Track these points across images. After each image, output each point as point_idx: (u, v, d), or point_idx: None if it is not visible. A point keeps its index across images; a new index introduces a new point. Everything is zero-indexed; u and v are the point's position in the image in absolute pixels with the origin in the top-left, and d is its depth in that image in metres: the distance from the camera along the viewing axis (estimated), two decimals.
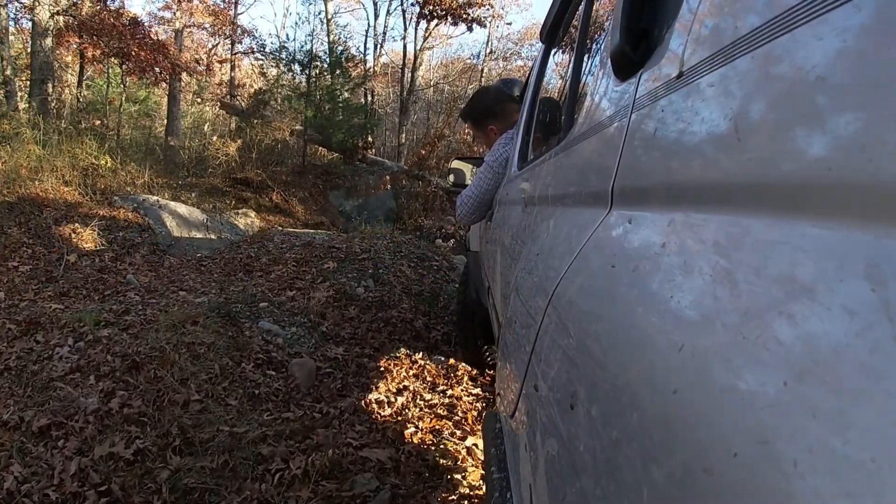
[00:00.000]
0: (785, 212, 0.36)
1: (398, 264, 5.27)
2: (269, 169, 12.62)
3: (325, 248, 5.42)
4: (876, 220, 0.28)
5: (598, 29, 1.10)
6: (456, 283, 4.89)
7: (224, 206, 10.70)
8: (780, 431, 0.28)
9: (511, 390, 0.92)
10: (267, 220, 11.02)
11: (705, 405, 0.34)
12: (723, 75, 0.44)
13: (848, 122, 0.30)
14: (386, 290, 4.64)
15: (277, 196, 11.97)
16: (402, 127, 17.56)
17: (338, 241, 5.77)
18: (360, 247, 5.47)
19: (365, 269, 4.96)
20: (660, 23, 0.62)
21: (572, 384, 0.57)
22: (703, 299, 0.40)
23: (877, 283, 0.26)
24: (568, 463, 0.53)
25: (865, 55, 0.30)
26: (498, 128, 2.47)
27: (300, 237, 6.28)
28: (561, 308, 0.69)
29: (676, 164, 0.52)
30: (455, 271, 5.49)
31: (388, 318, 4.13)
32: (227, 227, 8.66)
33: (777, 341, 0.30)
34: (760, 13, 0.40)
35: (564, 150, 1.04)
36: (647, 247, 0.54)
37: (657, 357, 0.42)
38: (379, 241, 5.78)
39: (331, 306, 4.15)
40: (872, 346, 0.25)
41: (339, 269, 4.90)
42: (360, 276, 4.82)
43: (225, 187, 11.53)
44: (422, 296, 4.74)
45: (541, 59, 2.03)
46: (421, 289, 4.89)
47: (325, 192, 13.27)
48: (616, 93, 0.73)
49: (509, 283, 1.34)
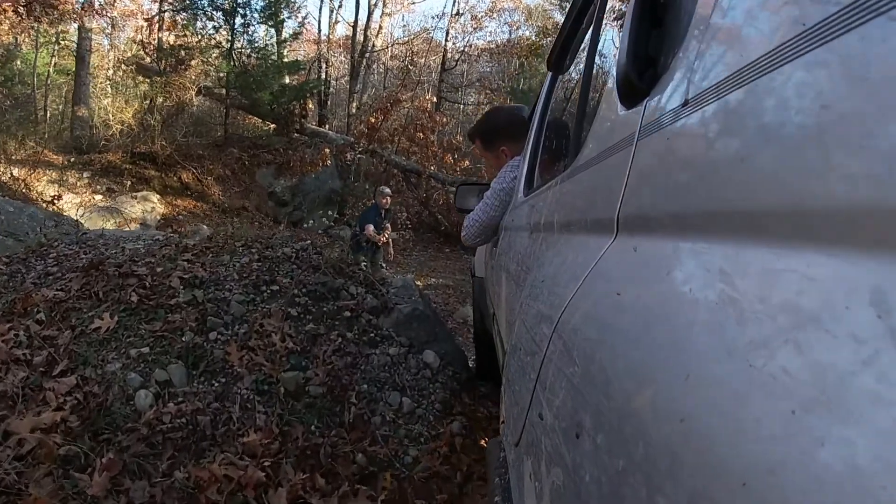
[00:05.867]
0: (790, 240, 0.36)
1: (263, 311, 2.82)
2: (180, 141, 10.25)
3: (127, 271, 2.90)
4: (882, 246, 0.28)
5: (604, 57, 1.12)
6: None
7: (120, 189, 8.82)
8: (788, 461, 0.27)
9: (516, 419, 0.91)
10: (173, 205, 9.07)
11: (712, 434, 0.34)
12: (728, 104, 0.44)
13: (853, 150, 0.30)
14: (215, 394, 2.34)
15: (189, 175, 9.78)
16: (353, 95, 15.06)
17: (162, 255, 3.20)
18: (197, 265, 3.09)
19: (180, 329, 2.56)
20: (666, 51, 0.63)
21: (578, 413, 0.56)
22: (709, 328, 0.40)
23: (883, 310, 0.26)
24: (573, 493, 0.52)
25: (870, 83, 0.30)
26: (510, 149, 2.44)
27: (111, 242, 3.71)
28: (566, 336, 0.69)
29: (682, 192, 0.52)
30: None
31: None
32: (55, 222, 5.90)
33: (784, 370, 0.30)
34: (765, 42, 0.40)
35: (570, 176, 1.04)
36: (652, 275, 0.54)
37: (663, 386, 0.41)
38: (240, 254, 3.31)
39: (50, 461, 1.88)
40: (879, 375, 0.25)
41: (121, 331, 2.51)
42: (163, 352, 2.44)
43: (125, 164, 9.45)
44: (328, 418, 2.44)
45: (547, 85, 2.05)
46: (322, 397, 2.50)
47: (250, 170, 10.95)
48: (622, 120, 0.73)
49: (514, 309, 1.34)
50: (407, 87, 14.01)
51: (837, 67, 0.32)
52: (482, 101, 17.77)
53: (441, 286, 8.95)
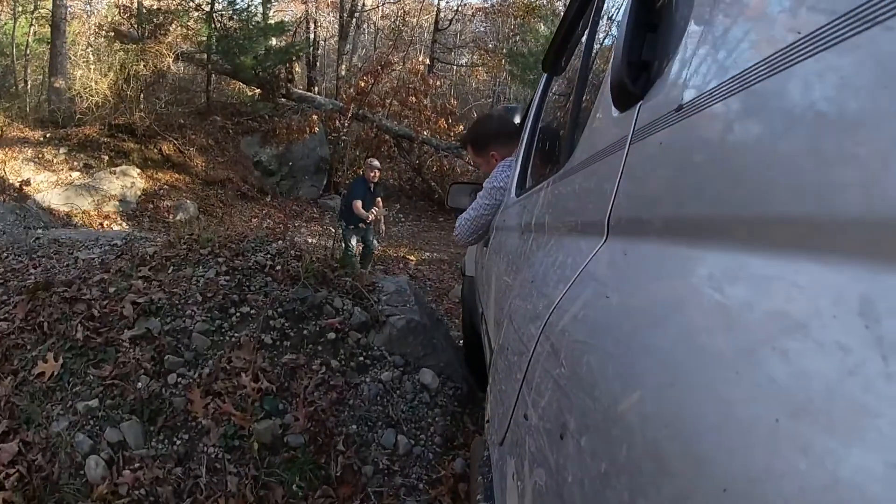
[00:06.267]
0: (780, 247, 0.36)
1: (231, 342, 2.45)
2: (160, 111, 9.73)
3: (75, 296, 2.53)
4: (871, 256, 0.28)
5: (599, 60, 1.12)
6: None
7: (98, 165, 8.37)
8: (771, 469, 0.27)
9: (501, 418, 0.91)
10: (154, 178, 8.68)
11: (696, 440, 0.34)
12: (722, 109, 0.44)
13: (846, 158, 0.30)
14: (177, 456, 2.05)
15: (170, 146, 9.27)
16: (342, 56, 14.30)
17: (116, 269, 2.79)
18: (154, 284, 2.64)
19: (133, 373, 2.22)
20: (660, 55, 0.63)
21: (563, 414, 0.56)
22: (697, 333, 0.40)
23: (871, 319, 0.26)
24: (556, 494, 0.52)
25: (862, 92, 0.30)
26: (500, 153, 2.48)
27: (65, 250, 3.28)
28: (553, 337, 0.69)
29: (673, 196, 0.52)
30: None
31: None
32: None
33: (770, 377, 0.30)
34: (760, 49, 0.40)
35: (562, 178, 1.04)
36: (641, 279, 0.54)
37: (649, 390, 0.41)
38: (205, 264, 2.85)
39: None
40: (865, 384, 0.25)
41: (67, 377, 2.21)
42: (115, 405, 2.12)
43: (103, 138, 8.95)
44: (312, 474, 2.13)
45: (542, 87, 2.05)
46: (304, 449, 2.17)
47: (234, 139, 10.39)
48: (615, 123, 0.73)
49: (503, 309, 1.34)
50: (398, 48, 13.54)
51: (830, 76, 0.32)
52: (476, 63, 17.28)
53: (435, 261, 8.63)
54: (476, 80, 19.43)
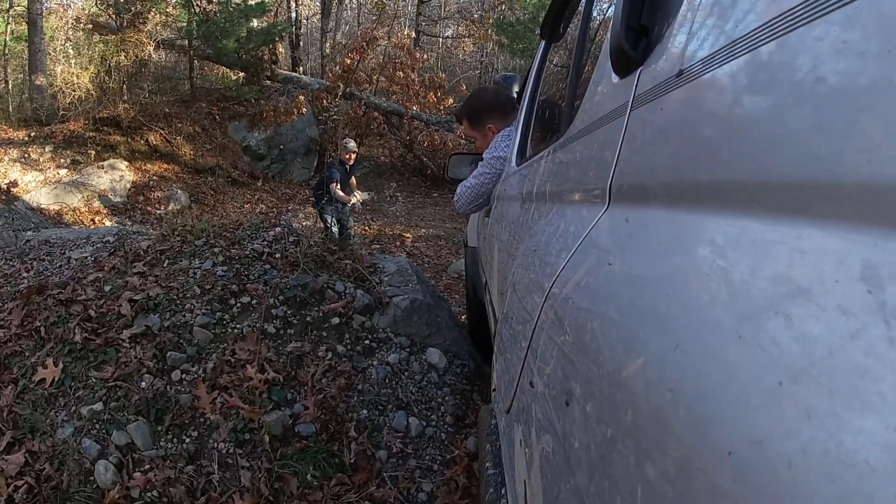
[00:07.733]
0: (782, 212, 0.36)
1: (233, 333, 2.42)
2: (144, 101, 9.55)
3: (70, 297, 2.48)
4: (874, 222, 0.28)
5: (598, 26, 1.10)
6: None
7: (85, 160, 8.23)
8: (774, 432, 0.28)
9: (507, 386, 0.92)
10: (143, 170, 8.55)
11: (700, 404, 0.34)
12: (723, 74, 0.44)
13: (847, 123, 0.30)
14: (188, 455, 2.04)
15: (156, 136, 9.14)
16: (325, 35, 14.06)
17: (111, 267, 2.73)
18: (150, 279, 2.59)
19: (135, 373, 2.20)
20: (660, 20, 0.62)
21: (568, 381, 0.57)
22: (700, 298, 0.40)
23: (873, 284, 0.27)
24: (563, 459, 0.53)
25: (865, 57, 0.30)
26: (496, 126, 2.47)
27: (56, 250, 3.23)
28: (557, 305, 0.69)
29: (674, 162, 0.52)
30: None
31: None
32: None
33: (773, 341, 0.30)
34: (761, 13, 0.40)
35: (563, 146, 1.04)
36: (643, 245, 0.54)
37: (653, 355, 0.42)
38: (201, 255, 2.79)
39: None
40: (867, 349, 0.25)
41: (69, 381, 2.18)
42: (120, 407, 2.10)
43: (88, 133, 8.83)
44: (326, 463, 2.12)
45: (541, 54, 2.03)
46: (315, 437, 2.17)
47: (222, 124, 10.25)
48: (615, 90, 0.72)
49: (506, 278, 1.34)
50: (383, 22, 13.02)
51: (833, 40, 0.32)
52: (462, 34, 16.78)
53: (432, 237, 8.56)
54: (463, 52, 19.02)
